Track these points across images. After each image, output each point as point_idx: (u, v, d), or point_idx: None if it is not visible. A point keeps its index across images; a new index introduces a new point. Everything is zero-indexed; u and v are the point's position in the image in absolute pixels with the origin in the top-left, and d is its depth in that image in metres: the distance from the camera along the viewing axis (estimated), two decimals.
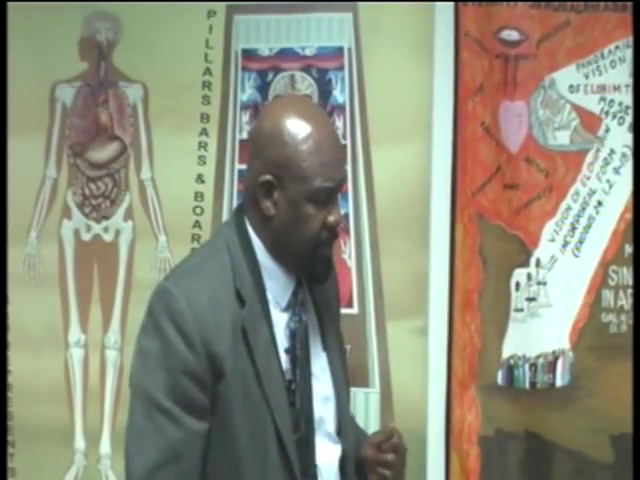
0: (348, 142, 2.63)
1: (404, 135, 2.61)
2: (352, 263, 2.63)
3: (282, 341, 1.84)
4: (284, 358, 1.83)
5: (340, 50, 2.63)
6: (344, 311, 2.57)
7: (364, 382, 2.62)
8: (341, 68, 2.63)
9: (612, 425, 2.53)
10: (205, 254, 1.91)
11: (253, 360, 1.78)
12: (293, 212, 1.79)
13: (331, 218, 1.80)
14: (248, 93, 2.70)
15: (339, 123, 2.62)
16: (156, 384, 1.74)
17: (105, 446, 2.85)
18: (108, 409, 2.83)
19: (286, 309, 1.86)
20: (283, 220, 1.79)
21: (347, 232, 2.63)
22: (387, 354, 2.63)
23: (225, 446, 1.78)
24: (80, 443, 2.87)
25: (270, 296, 1.84)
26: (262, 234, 1.83)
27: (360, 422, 2.52)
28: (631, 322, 2.54)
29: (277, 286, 1.85)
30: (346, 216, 2.62)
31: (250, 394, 1.78)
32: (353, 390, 2.58)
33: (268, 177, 1.78)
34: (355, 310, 2.62)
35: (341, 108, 2.63)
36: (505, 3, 2.58)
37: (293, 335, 1.85)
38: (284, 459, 1.80)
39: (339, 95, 2.64)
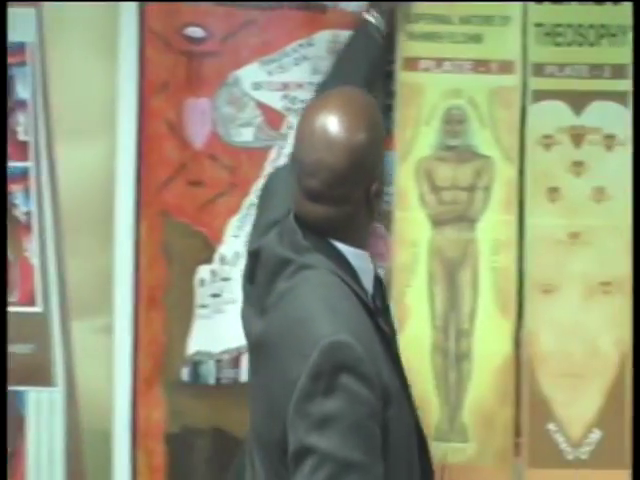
0: (32, 139, 2.59)
1: (90, 132, 2.59)
2: (35, 261, 2.59)
3: None
4: None
5: (22, 45, 2.59)
6: (26, 310, 2.55)
7: (48, 381, 2.57)
8: (24, 63, 2.59)
9: None
10: (322, 294, 1.75)
11: (398, 369, 1.78)
12: None
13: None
14: None
15: (22, 119, 2.58)
16: (345, 443, 1.60)
17: None
18: None
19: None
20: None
21: (30, 229, 2.59)
22: (72, 353, 2.60)
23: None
24: None
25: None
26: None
27: (44, 421, 2.51)
28: None
29: (369, 283, 1.82)
30: (29, 214, 2.59)
31: (400, 404, 1.75)
32: (37, 390, 2.57)
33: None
34: (39, 309, 2.57)
35: (23, 104, 2.59)
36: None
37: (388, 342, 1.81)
38: (427, 465, 1.83)
39: (22, 91, 2.60)
